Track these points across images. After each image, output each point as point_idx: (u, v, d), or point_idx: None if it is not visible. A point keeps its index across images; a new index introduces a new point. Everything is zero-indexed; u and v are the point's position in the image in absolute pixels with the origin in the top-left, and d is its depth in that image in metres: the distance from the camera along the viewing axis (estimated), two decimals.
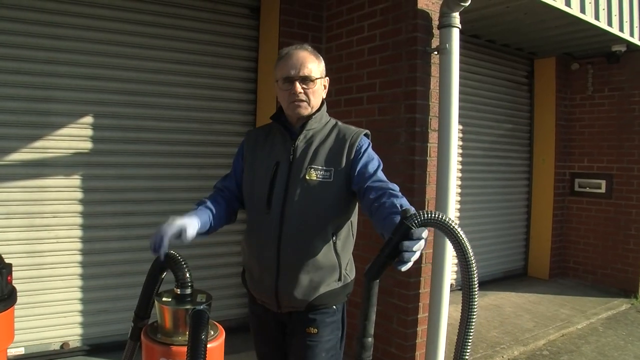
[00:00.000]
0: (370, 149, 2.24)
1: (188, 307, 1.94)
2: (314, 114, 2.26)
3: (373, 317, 1.64)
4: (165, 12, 4.54)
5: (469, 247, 1.50)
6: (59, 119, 4.17)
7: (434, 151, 3.91)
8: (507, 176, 7.54)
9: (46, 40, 4.07)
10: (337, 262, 2.22)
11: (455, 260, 1.58)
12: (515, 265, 7.80)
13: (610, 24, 5.80)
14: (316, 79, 2.22)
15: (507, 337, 5.18)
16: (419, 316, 3.94)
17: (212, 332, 2.02)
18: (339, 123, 2.35)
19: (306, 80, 2.19)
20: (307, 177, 2.17)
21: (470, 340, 1.53)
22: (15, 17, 3.95)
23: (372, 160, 2.19)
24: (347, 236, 2.30)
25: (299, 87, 2.17)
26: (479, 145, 7.01)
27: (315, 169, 2.17)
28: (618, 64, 7.04)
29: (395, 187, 2.01)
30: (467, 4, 3.75)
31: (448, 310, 3.87)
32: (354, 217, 2.34)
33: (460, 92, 3.90)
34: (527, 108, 7.77)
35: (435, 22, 3.92)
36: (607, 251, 7.26)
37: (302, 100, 2.19)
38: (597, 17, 5.58)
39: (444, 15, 3.82)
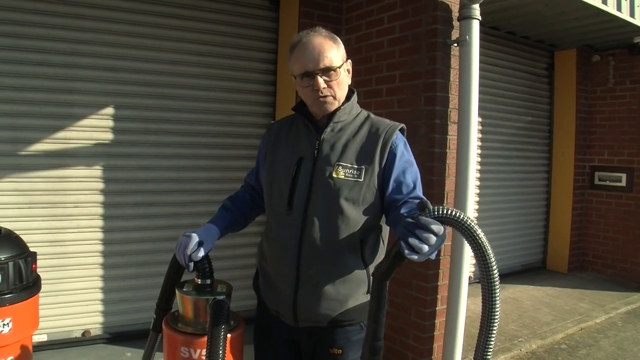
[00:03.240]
0: (406, 149, 2.01)
1: (208, 297, 1.96)
2: (342, 105, 2.00)
3: (383, 319, 1.56)
4: (186, 4, 4.56)
5: (488, 247, 1.42)
6: (80, 110, 4.22)
7: (454, 143, 3.90)
8: (526, 169, 7.49)
9: (68, 32, 4.11)
10: (365, 272, 1.97)
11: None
12: (534, 259, 7.76)
13: (632, 15, 5.72)
14: (338, 67, 1.93)
15: (525, 330, 5.17)
16: (437, 308, 3.94)
17: (232, 322, 2.04)
18: (372, 115, 2.09)
19: (328, 71, 1.90)
20: (335, 175, 1.91)
21: (492, 341, 1.43)
22: (37, 8, 4.00)
23: (411, 167, 1.97)
24: (376, 243, 2.03)
25: (321, 81, 1.90)
26: (498, 138, 6.97)
27: (344, 167, 1.91)
28: None
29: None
30: None
31: (466, 303, 3.87)
32: (384, 223, 2.06)
33: (480, 85, 3.87)
34: (546, 100, 7.70)
35: (455, 14, 3.90)
36: (626, 245, 7.19)
37: (327, 96, 1.93)
38: (619, 9, 5.51)
39: (464, 7, 3.80)
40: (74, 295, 4.28)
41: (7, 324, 2.25)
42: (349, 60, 2.06)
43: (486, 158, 6.73)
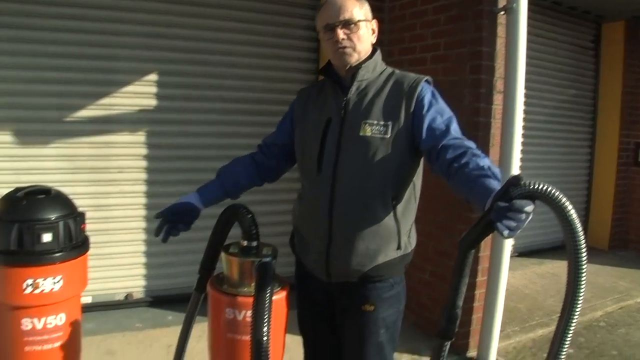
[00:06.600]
0: (435, 98, 1.99)
1: (254, 259, 1.98)
2: (364, 62, 2.02)
3: (464, 289, 1.55)
4: None
5: (579, 226, 1.35)
6: (124, 76, 4.26)
7: (499, 113, 3.83)
8: (569, 143, 7.31)
9: None
10: (396, 228, 2.00)
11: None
12: None
13: None
14: (359, 21, 1.97)
15: None
16: (477, 279, 3.91)
17: (278, 285, 2.06)
18: (397, 71, 2.10)
19: (348, 24, 1.95)
20: (361, 134, 1.94)
21: (571, 332, 1.43)
22: None
23: (443, 113, 1.95)
24: (409, 200, 2.05)
25: (340, 33, 1.94)
26: (542, 110, 6.79)
27: (371, 124, 1.94)
28: None
29: (473, 145, 1.81)
30: None
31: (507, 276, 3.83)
32: (417, 178, 2.09)
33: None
34: (592, 74, 7.46)
35: None
36: None
37: (346, 47, 1.96)
38: None
39: None
40: (117, 259, 4.38)
41: (58, 281, 2.30)
42: (374, 21, 2.08)
43: (529, 130, 6.56)
